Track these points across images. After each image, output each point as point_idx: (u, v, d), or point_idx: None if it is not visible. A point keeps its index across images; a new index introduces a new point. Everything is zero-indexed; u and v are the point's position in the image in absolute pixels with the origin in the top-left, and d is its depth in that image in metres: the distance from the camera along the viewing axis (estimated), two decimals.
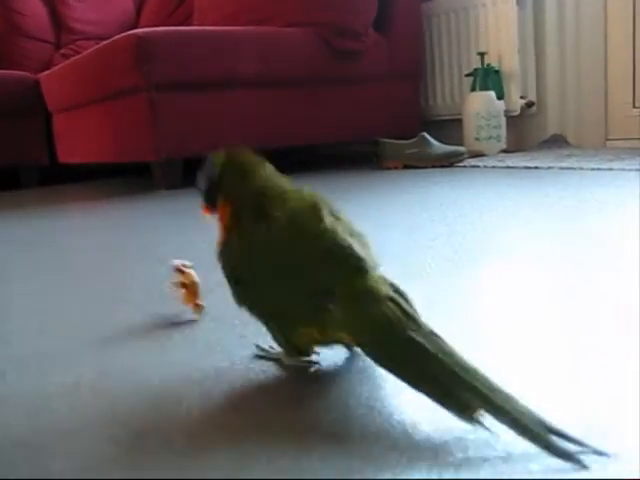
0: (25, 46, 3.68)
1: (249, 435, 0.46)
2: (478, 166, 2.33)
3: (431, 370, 0.45)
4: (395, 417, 0.47)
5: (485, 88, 2.65)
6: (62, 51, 3.75)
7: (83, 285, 1.03)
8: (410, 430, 0.45)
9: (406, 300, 0.52)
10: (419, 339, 0.47)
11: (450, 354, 0.46)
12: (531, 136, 2.77)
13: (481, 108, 2.63)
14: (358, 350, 0.53)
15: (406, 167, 2.48)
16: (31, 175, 3.39)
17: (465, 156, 2.47)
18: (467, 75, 2.78)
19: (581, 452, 0.39)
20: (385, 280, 0.54)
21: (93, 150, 2.82)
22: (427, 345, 0.47)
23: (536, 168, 2.08)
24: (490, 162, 2.35)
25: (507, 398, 0.43)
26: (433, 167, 2.42)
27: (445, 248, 1.02)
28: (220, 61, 2.40)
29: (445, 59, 2.97)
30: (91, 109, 2.75)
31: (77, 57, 2.79)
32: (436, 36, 2.98)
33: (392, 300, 0.51)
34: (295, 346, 0.57)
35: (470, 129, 2.67)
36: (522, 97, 2.72)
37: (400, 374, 0.47)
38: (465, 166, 2.39)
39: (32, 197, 2.84)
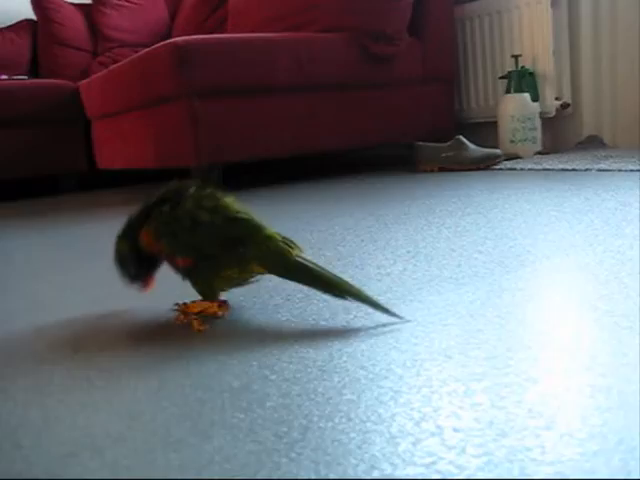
0: (64, 55, 3.77)
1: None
2: (515, 169, 2.34)
3: (315, 275, 0.79)
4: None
5: (520, 90, 2.66)
6: (99, 59, 3.83)
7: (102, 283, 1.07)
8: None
9: (292, 242, 0.82)
10: (302, 261, 0.80)
11: (322, 268, 0.79)
12: (567, 138, 2.77)
13: (516, 110, 2.64)
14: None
15: (442, 170, 2.49)
16: (70, 181, 3.47)
17: (501, 159, 2.48)
18: (501, 78, 2.79)
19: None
20: (277, 233, 0.83)
21: (133, 156, 2.87)
22: (308, 263, 0.79)
23: (573, 170, 2.09)
24: (526, 164, 2.36)
25: (357, 289, 0.78)
26: (469, 170, 2.43)
27: (495, 252, 1.04)
28: (257, 67, 2.43)
29: (479, 62, 2.98)
30: (131, 116, 2.80)
31: (117, 65, 2.84)
32: (470, 39, 2.99)
33: (283, 241, 0.81)
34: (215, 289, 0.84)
35: (505, 132, 2.67)
36: (557, 99, 2.71)
37: (297, 281, 0.81)
38: (501, 169, 2.39)
39: (71, 203, 2.90)
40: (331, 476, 0.43)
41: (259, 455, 0.47)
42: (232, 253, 0.81)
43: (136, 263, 0.87)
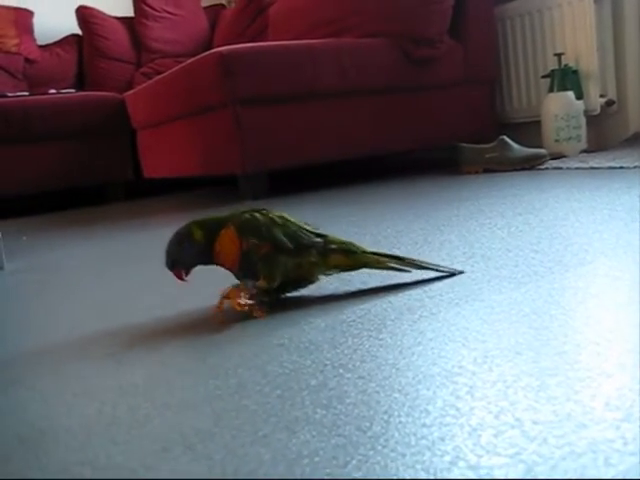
0: (108, 67, 3.86)
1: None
2: (561, 168, 2.33)
3: (383, 255, 0.97)
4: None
5: (563, 89, 2.64)
6: (142, 70, 3.91)
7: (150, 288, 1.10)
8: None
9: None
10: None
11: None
12: (612, 135, 2.74)
13: (560, 109, 2.62)
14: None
15: (486, 171, 2.49)
16: (117, 190, 3.55)
17: (546, 158, 2.46)
18: (544, 77, 2.77)
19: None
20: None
21: (178, 164, 2.93)
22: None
23: (621, 168, 2.07)
24: (573, 163, 2.34)
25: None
26: (514, 171, 2.43)
27: (551, 251, 1.05)
28: (301, 74, 2.47)
29: (520, 62, 2.97)
30: (176, 125, 2.86)
31: (162, 75, 2.91)
32: (511, 39, 2.98)
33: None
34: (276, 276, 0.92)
35: (549, 131, 2.66)
36: (602, 96, 2.69)
37: (371, 264, 0.97)
38: (547, 168, 2.38)
39: (119, 211, 2.97)
40: (418, 466, 0.45)
41: (346, 448, 0.49)
42: (310, 247, 0.93)
43: (194, 252, 0.92)
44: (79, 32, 3.98)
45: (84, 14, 3.92)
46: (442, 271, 0.97)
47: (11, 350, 0.91)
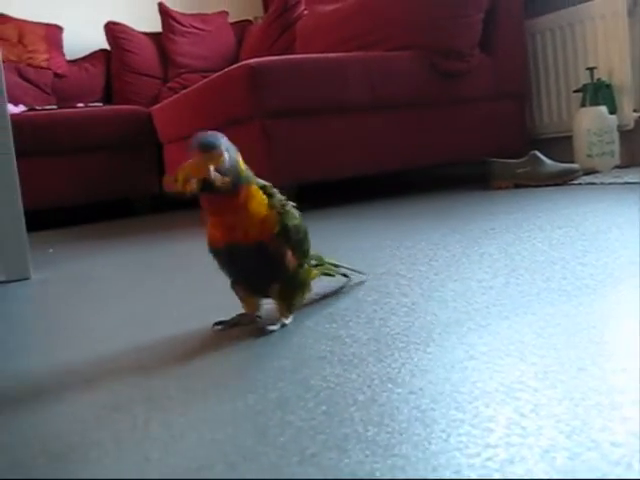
0: (136, 82, 3.87)
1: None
2: (594, 183, 2.27)
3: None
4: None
5: (595, 103, 2.59)
6: (169, 84, 3.91)
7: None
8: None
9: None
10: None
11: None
12: None
13: (592, 124, 2.57)
14: None
15: (517, 186, 2.44)
16: (143, 203, 3.53)
17: (579, 174, 2.41)
18: (575, 91, 2.72)
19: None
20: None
21: None
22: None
23: None
24: (606, 179, 2.29)
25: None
26: (546, 186, 2.37)
27: (599, 264, 1.00)
28: (330, 87, 2.44)
29: (551, 76, 2.92)
30: None
31: (189, 89, 2.90)
32: (541, 53, 2.94)
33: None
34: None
35: (581, 146, 2.60)
36: (635, 110, 2.63)
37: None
38: (580, 183, 2.33)
39: (146, 224, 2.95)
40: None
41: (405, 470, 0.45)
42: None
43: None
44: (107, 47, 4.00)
45: (113, 29, 3.93)
46: (353, 271, 1.07)
47: (40, 361, 0.88)
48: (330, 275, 1.04)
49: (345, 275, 1.06)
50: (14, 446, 0.59)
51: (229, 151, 0.80)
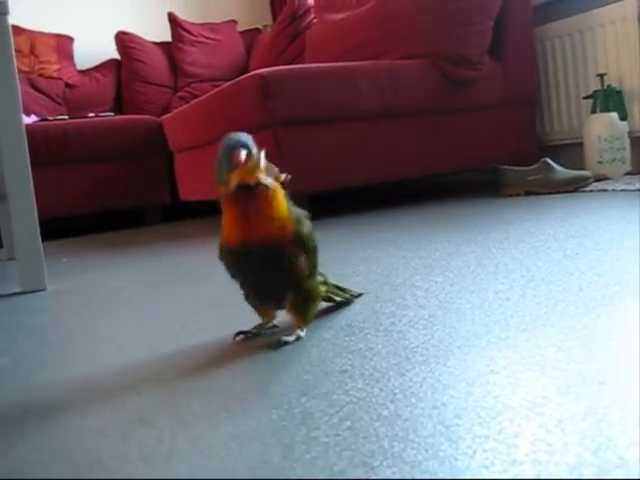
0: (146, 91, 3.90)
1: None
2: (606, 190, 2.27)
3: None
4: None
5: (606, 110, 2.59)
6: (179, 94, 3.94)
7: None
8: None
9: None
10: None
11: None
12: None
13: (603, 130, 2.57)
14: None
15: (528, 194, 2.44)
16: (154, 212, 3.55)
17: (591, 181, 2.41)
18: (585, 98, 2.73)
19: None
20: None
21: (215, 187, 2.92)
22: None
23: None
24: (618, 185, 2.29)
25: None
26: (557, 193, 2.37)
27: (615, 274, 1.00)
28: (340, 96, 2.45)
29: (561, 83, 2.92)
30: (213, 147, 2.85)
31: (200, 98, 2.91)
32: (551, 60, 2.94)
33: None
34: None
35: (592, 153, 2.61)
36: None
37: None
38: (592, 191, 2.33)
39: (158, 233, 2.97)
40: None
41: None
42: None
43: None
44: (118, 57, 4.03)
45: (123, 39, 3.97)
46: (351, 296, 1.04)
47: (61, 374, 0.89)
48: (332, 301, 1.02)
49: (347, 301, 1.03)
50: (43, 462, 0.60)
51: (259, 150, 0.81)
